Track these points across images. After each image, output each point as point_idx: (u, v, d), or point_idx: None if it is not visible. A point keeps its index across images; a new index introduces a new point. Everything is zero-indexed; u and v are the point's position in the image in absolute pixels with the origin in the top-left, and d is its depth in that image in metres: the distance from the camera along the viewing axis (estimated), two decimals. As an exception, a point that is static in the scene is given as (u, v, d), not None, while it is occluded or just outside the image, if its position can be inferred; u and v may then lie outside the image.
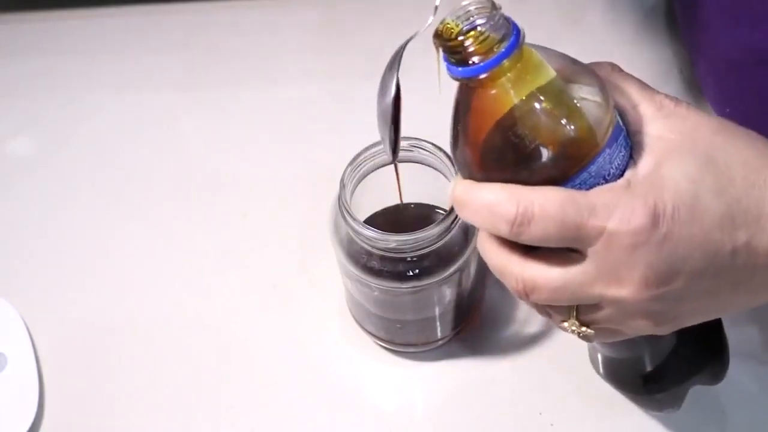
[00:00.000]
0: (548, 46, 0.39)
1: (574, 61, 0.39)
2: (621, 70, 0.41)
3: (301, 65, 0.74)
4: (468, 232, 0.51)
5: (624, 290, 0.37)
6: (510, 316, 0.58)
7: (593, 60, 0.41)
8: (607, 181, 0.37)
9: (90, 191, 0.68)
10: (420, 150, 0.51)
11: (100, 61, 0.77)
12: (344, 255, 0.51)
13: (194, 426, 0.55)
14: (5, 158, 0.71)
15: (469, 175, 0.39)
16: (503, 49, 0.36)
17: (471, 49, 0.37)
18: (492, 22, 0.37)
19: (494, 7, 0.37)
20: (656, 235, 0.35)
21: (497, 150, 0.38)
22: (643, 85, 0.40)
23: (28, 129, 0.73)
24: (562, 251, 0.38)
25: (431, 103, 0.43)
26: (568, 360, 0.56)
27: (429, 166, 0.51)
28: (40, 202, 0.67)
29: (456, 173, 0.41)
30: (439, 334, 0.56)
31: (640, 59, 0.70)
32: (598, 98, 0.38)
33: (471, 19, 0.37)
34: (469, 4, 0.38)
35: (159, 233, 0.65)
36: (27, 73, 0.76)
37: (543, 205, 0.36)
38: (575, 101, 0.37)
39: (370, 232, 0.48)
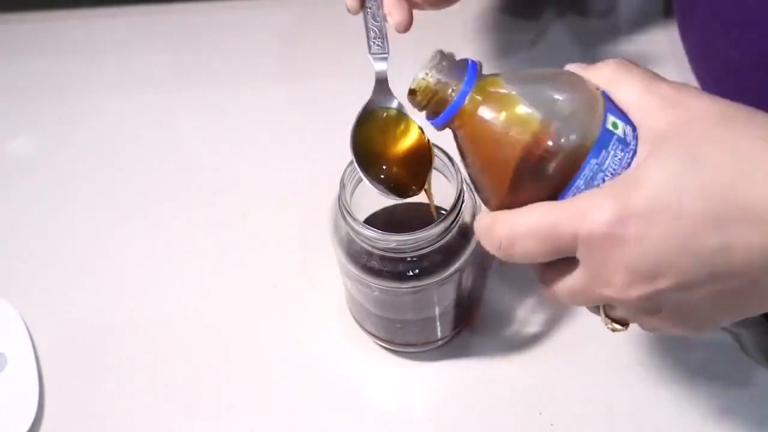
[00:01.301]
0: (525, 65, 0.39)
1: (550, 78, 0.39)
2: (626, 65, 0.39)
3: (302, 65, 0.74)
4: (468, 233, 0.51)
5: (611, 290, 0.37)
6: (510, 316, 0.58)
7: (594, 58, 0.41)
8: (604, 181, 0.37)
9: (90, 191, 0.68)
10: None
11: (100, 61, 0.77)
12: (344, 255, 0.51)
13: (194, 426, 0.55)
14: (5, 158, 0.71)
15: (489, 206, 0.41)
16: (457, 96, 0.38)
17: (431, 102, 0.39)
18: (440, 74, 0.39)
19: (442, 57, 0.39)
20: (628, 236, 0.35)
21: (489, 179, 0.40)
22: (646, 77, 0.39)
23: (28, 129, 0.73)
24: (569, 259, 0.38)
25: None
26: (568, 360, 0.56)
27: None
28: (40, 202, 0.67)
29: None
30: (439, 334, 0.56)
31: (638, 58, 0.70)
32: (573, 109, 0.37)
33: (426, 73, 0.39)
34: (427, 59, 0.39)
35: (159, 233, 0.65)
36: (27, 73, 0.77)
37: (521, 226, 0.38)
38: (546, 120, 0.37)
39: (370, 232, 0.48)
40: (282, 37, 0.77)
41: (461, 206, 0.49)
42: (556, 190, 0.38)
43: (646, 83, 0.38)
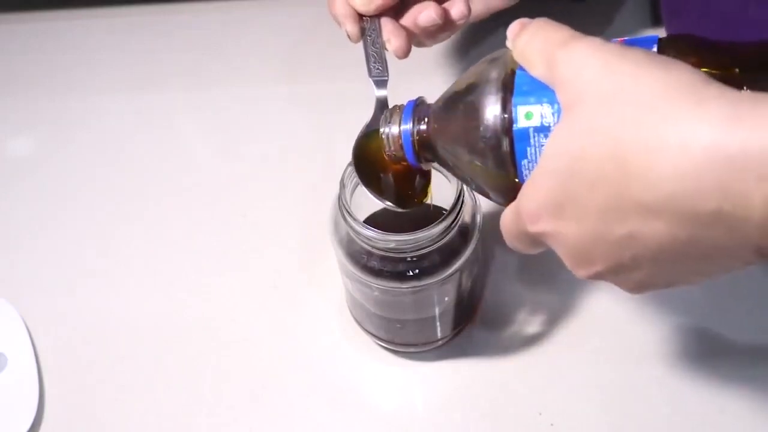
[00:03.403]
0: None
1: (459, 96, 0.40)
2: (534, 34, 0.37)
3: (302, 65, 0.74)
4: (468, 233, 0.51)
5: (570, 270, 0.39)
6: (510, 316, 0.58)
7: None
8: None
9: (90, 191, 0.68)
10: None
11: (100, 61, 0.77)
12: (344, 255, 0.51)
13: (194, 426, 0.55)
14: (5, 158, 0.71)
15: None
16: (403, 136, 0.43)
17: (396, 150, 0.44)
18: (387, 128, 0.44)
19: (387, 112, 0.44)
20: (550, 233, 0.37)
21: (477, 190, 0.43)
22: (549, 50, 0.36)
23: (28, 129, 0.73)
24: None
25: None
26: (568, 360, 0.56)
27: (433, 168, 0.51)
28: (40, 202, 0.67)
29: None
30: (439, 334, 0.56)
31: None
32: (475, 131, 0.38)
33: (380, 132, 0.45)
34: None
35: (159, 233, 0.65)
36: (27, 73, 0.76)
37: (505, 232, 0.40)
38: (461, 145, 0.40)
39: (370, 232, 0.48)
40: (282, 37, 0.76)
41: (461, 206, 0.49)
42: (512, 183, 0.39)
43: (547, 59, 0.36)
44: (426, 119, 0.43)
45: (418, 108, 0.44)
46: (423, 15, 0.53)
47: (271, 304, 0.60)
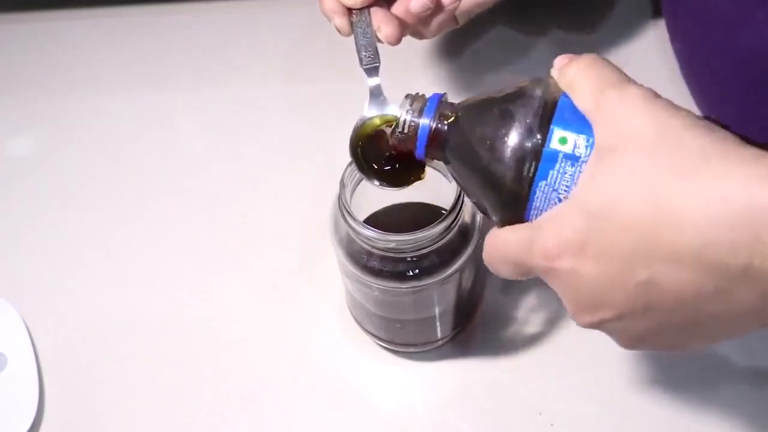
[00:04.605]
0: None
1: (498, 103, 0.39)
2: (587, 67, 0.37)
3: (302, 65, 0.74)
4: (468, 233, 0.51)
5: (570, 313, 0.38)
6: (510, 316, 0.58)
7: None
8: (561, 200, 0.37)
9: (90, 191, 0.68)
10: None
11: (100, 61, 0.77)
12: (344, 255, 0.51)
13: (194, 426, 0.55)
14: (5, 158, 0.71)
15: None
16: (419, 131, 0.42)
17: (407, 139, 0.42)
18: (408, 116, 0.42)
19: (410, 99, 0.42)
20: (561, 271, 0.36)
21: (473, 201, 0.42)
22: (600, 85, 0.36)
23: (28, 129, 0.73)
24: None
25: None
26: (568, 360, 0.56)
27: (429, 166, 0.51)
28: (40, 202, 0.67)
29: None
30: (439, 334, 0.56)
31: (630, 59, 0.70)
32: (508, 140, 0.38)
33: (399, 117, 0.42)
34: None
35: (159, 233, 0.65)
36: (27, 73, 0.76)
37: (494, 253, 0.40)
38: (486, 152, 0.39)
39: (370, 232, 0.48)
40: (282, 37, 0.77)
41: (461, 206, 0.49)
42: (522, 212, 0.38)
43: (597, 94, 0.36)
44: (449, 117, 0.42)
45: (442, 104, 0.43)
46: (414, 1, 0.52)
47: (271, 304, 0.60)
